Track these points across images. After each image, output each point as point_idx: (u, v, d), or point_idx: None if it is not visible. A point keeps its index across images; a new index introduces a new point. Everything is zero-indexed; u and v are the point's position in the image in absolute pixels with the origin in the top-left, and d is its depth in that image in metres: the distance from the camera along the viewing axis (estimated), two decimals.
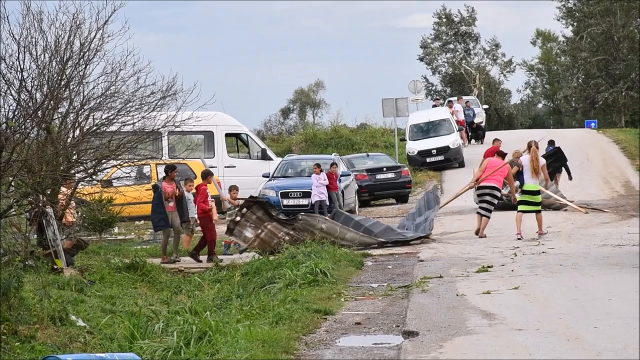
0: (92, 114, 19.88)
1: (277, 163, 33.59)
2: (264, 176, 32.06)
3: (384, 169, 36.00)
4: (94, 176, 20.59)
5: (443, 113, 45.65)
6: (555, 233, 22.94)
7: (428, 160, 42.41)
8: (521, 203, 22.74)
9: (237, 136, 36.47)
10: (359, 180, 34.58)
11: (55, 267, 17.73)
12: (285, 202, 30.05)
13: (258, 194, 28.81)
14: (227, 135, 35.15)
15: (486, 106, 61.89)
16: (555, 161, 30.93)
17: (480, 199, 23.94)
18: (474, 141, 49.06)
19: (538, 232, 22.52)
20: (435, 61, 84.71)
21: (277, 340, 11.88)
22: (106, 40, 19.71)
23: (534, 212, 22.63)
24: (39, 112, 18.33)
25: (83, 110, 19.76)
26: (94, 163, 19.94)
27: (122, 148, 20.21)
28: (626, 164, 41.60)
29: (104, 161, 20.13)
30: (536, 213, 22.66)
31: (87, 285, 17.06)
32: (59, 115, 19.43)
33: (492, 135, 47.16)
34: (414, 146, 43.17)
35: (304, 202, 29.86)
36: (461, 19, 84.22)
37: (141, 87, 20.36)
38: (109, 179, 22.78)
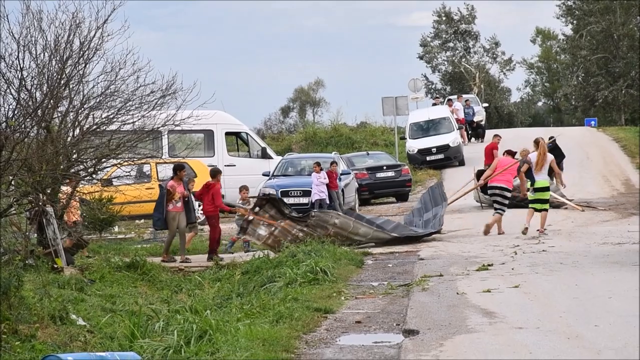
0: (92, 113, 19.87)
1: (277, 162, 33.59)
2: (264, 175, 32.06)
3: (384, 167, 36.01)
4: (94, 175, 20.59)
5: (443, 111, 45.62)
6: (555, 231, 22.94)
7: (428, 158, 42.41)
8: (534, 202, 22.77)
9: (237, 135, 36.46)
10: (359, 179, 34.58)
11: (56, 266, 17.73)
12: (286, 200, 30.01)
13: (258, 193, 28.80)
14: (227, 134, 35.13)
15: (486, 104, 61.88)
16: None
17: (493, 199, 24.03)
18: (474, 139, 49.05)
19: (539, 229, 22.53)
20: (435, 59, 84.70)
21: (278, 339, 11.88)
22: (106, 39, 19.72)
23: (543, 211, 22.70)
24: (39, 111, 18.33)
25: (83, 109, 19.76)
26: (94, 162, 19.93)
27: (122, 147, 20.20)
28: (626, 162, 41.59)
29: (104, 160, 20.12)
30: (543, 210, 22.73)
31: (87, 284, 17.06)
32: (59, 114, 19.43)
33: (491, 133, 47.21)
34: (414, 144, 43.16)
35: (304, 200, 29.86)
36: (461, 17, 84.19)
37: (141, 86, 20.38)
38: (109, 177, 22.77)
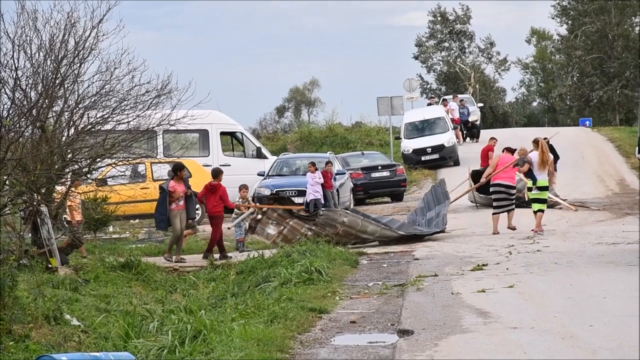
0: (86, 112, 19.86)
1: (272, 161, 33.58)
2: (259, 175, 32.04)
3: (379, 167, 36.01)
4: (89, 175, 20.58)
5: (438, 111, 45.63)
6: (550, 231, 22.96)
7: (423, 158, 42.39)
8: (535, 201, 22.80)
9: (232, 135, 36.44)
10: (354, 179, 34.59)
11: (50, 266, 17.71)
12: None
13: (253, 193, 28.81)
14: (222, 133, 35.12)
15: (481, 104, 61.92)
16: None
17: (496, 197, 23.88)
18: (469, 139, 49.08)
19: (534, 229, 22.57)
20: (430, 59, 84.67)
21: (272, 339, 11.87)
22: (101, 39, 19.71)
23: (539, 211, 22.75)
24: (34, 110, 18.32)
25: (78, 108, 19.74)
26: (88, 162, 19.92)
27: (116, 147, 20.20)
28: (621, 162, 41.62)
29: (98, 160, 20.11)
30: (539, 211, 22.79)
31: (82, 284, 17.04)
32: (54, 114, 19.42)
33: (486, 133, 47.31)
34: (409, 144, 43.15)
35: (299, 200, 29.80)
36: (456, 17, 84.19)
37: (136, 85, 20.37)
38: (103, 177, 22.76)
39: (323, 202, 28.90)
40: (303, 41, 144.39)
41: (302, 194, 29.44)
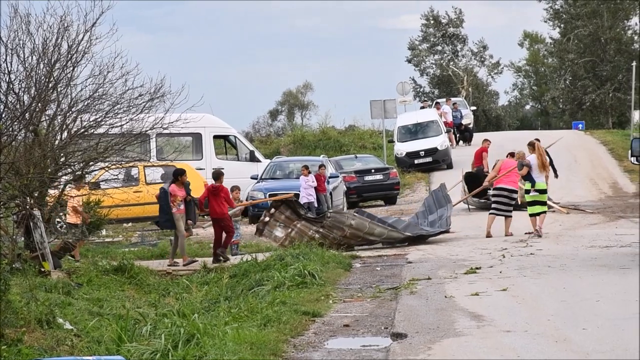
0: (79, 116, 19.85)
1: (266, 165, 33.58)
2: (252, 178, 32.04)
3: (372, 170, 36.03)
4: (82, 178, 20.57)
5: (431, 115, 45.65)
6: (543, 234, 22.96)
7: (416, 161, 42.40)
8: (532, 204, 22.81)
9: (226, 138, 36.42)
10: (347, 182, 34.60)
11: (43, 269, 17.68)
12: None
13: (246, 197, 28.80)
14: (215, 137, 35.11)
15: (474, 108, 61.96)
16: None
17: (496, 200, 23.89)
18: (462, 143, 49.12)
19: (534, 231, 22.62)
20: (423, 63, 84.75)
21: (265, 342, 11.86)
22: (94, 43, 19.71)
23: (542, 213, 22.80)
24: (27, 114, 18.30)
25: (71, 112, 19.72)
26: (81, 165, 19.91)
27: (110, 150, 20.18)
28: (614, 166, 41.67)
29: (91, 163, 20.10)
30: (542, 213, 22.85)
31: (75, 288, 17.01)
32: (47, 118, 19.40)
33: (479, 136, 47.34)
34: (402, 148, 43.17)
35: None
36: (449, 20, 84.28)
37: (129, 89, 20.37)
38: (96, 181, 22.73)
39: (316, 205, 28.91)
40: (296, 44, 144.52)
41: (295, 197, 29.41)
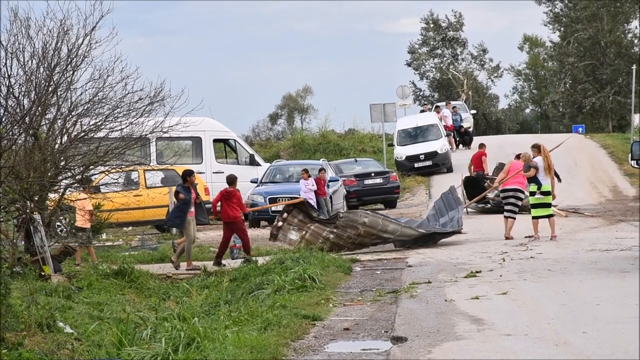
0: (79, 120, 19.85)
1: (265, 169, 33.59)
2: (252, 182, 32.06)
3: (372, 174, 36.05)
4: (82, 182, 20.57)
5: (431, 118, 45.68)
6: (543, 238, 22.96)
7: (416, 165, 42.42)
8: (537, 206, 22.81)
9: (225, 142, 36.45)
10: (347, 186, 34.61)
11: (43, 273, 17.68)
12: (274, 207, 30.04)
13: (246, 200, 28.80)
14: (215, 140, 35.14)
15: (474, 111, 61.99)
16: None
17: (505, 202, 24.01)
18: (462, 146, 49.13)
19: (535, 234, 22.66)
20: (423, 66, 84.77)
21: (266, 346, 11.85)
22: (94, 46, 19.73)
23: (547, 217, 22.81)
24: (27, 118, 18.32)
25: (71, 116, 19.73)
26: (81, 169, 19.91)
27: (110, 154, 20.19)
28: (614, 169, 41.69)
29: (91, 167, 20.10)
30: (549, 217, 22.86)
31: (75, 291, 17.01)
32: (47, 122, 19.41)
33: (479, 140, 47.31)
34: (402, 151, 43.18)
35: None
36: (449, 24, 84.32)
37: (129, 93, 20.37)
38: (96, 185, 22.73)
39: (316, 209, 28.91)
40: (295, 48, 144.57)
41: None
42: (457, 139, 49.17)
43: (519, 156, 24.46)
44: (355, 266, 20.16)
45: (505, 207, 23.96)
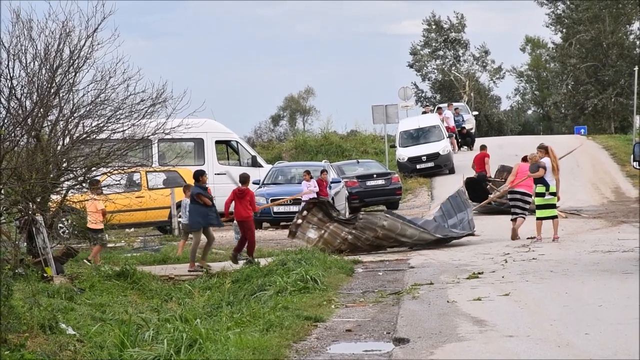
0: (81, 121, 19.88)
1: (268, 170, 33.59)
2: (254, 183, 31.99)
3: (374, 175, 36.05)
4: (84, 184, 20.59)
5: (433, 120, 45.70)
6: (545, 239, 22.95)
7: (418, 166, 42.44)
8: (543, 207, 22.79)
9: (227, 143, 36.45)
10: (349, 187, 34.60)
11: (45, 275, 17.69)
12: (276, 209, 30.07)
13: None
14: (217, 142, 35.13)
15: (476, 113, 62.04)
16: None
17: (512, 204, 24.01)
18: (464, 148, 49.13)
19: (538, 236, 22.65)
20: (425, 68, 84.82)
21: (268, 347, 11.86)
22: (96, 48, 19.76)
23: (552, 218, 22.81)
24: (29, 119, 18.33)
25: (73, 117, 19.75)
26: (83, 171, 19.92)
27: (112, 155, 20.21)
28: (616, 170, 41.68)
29: (93, 169, 20.12)
30: (553, 218, 22.86)
31: (77, 293, 17.01)
32: (49, 123, 19.43)
33: (481, 141, 47.30)
34: (404, 153, 43.20)
35: (294, 209, 29.83)
36: (450, 25, 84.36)
37: (131, 94, 20.39)
38: (99, 186, 22.73)
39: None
40: (297, 49, 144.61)
41: (297, 202, 29.44)
42: (459, 140, 49.17)
43: (526, 158, 24.43)
44: (357, 267, 20.16)
45: (512, 209, 23.93)
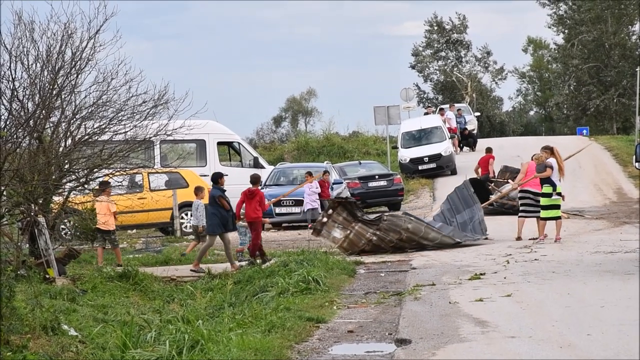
0: (83, 123, 19.87)
1: (270, 171, 33.59)
2: None
3: (376, 176, 36.04)
4: (86, 185, 20.59)
5: (435, 121, 45.69)
6: (547, 240, 22.95)
7: (420, 167, 42.42)
8: (548, 207, 22.77)
9: (229, 145, 36.46)
10: (351, 188, 34.60)
11: (47, 276, 17.70)
12: (278, 210, 30.08)
13: None
14: (219, 143, 35.14)
15: (478, 113, 61.97)
16: None
17: (523, 202, 23.98)
18: (466, 148, 49.12)
19: (541, 236, 22.64)
20: (427, 69, 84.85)
21: (270, 348, 11.86)
22: (98, 50, 19.74)
23: (555, 219, 22.79)
24: (31, 121, 18.34)
25: (75, 119, 19.75)
26: (85, 172, 19.93)
27: (114, 157, 20.21)
28: (618, 171, 41.66)
29: (96, 170, 20.12)
30: (557, 218, 22.84)
31: (79, 294, 17.03)
32: (51, 125, 19.43)
33: (483, 142, 47.35)
34: (406, 154, 43.18)
35: (296, 210, 29.89)
36: (452, 26, 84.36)
37: (133, 96, 20.38)
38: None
39: (320, 211, 28.91)
40: (299, 51, 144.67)
41: (299, 203, 29.48)
42: (461, 141, 49.16)
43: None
44: (359, 269, 20.16)
45: (521, 207, 23.92)
